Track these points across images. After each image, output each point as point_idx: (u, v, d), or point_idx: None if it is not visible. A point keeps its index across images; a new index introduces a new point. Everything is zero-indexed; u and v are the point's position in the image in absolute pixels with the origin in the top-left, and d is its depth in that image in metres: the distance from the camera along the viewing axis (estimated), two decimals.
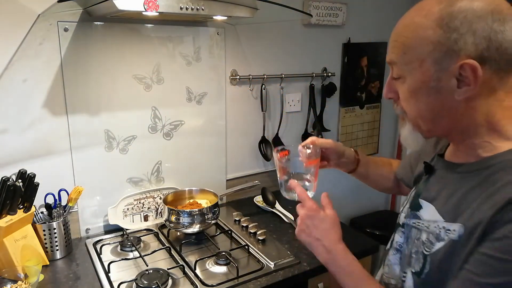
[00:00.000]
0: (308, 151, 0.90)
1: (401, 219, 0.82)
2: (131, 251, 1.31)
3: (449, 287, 0.63)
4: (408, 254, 0.76)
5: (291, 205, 1.69)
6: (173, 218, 1.36)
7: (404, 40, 0.66)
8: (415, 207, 0.77)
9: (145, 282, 1.10)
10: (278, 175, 0.91)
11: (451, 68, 0.61)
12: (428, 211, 0.73)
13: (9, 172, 1.22)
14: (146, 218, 1.51)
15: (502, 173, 0.61)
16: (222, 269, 1.21)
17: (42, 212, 1.31)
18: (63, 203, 1.32)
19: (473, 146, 0.67)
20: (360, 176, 1.08)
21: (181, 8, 1.07)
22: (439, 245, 0.67)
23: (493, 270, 0.57)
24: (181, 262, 1.23)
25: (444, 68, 0.62)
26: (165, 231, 1.44)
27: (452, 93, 0.63)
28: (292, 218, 1.56)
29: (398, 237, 0.81)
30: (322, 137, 1.88)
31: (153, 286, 1.09)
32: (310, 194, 0.89)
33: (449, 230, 0.66)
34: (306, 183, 0.89)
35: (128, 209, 1.47)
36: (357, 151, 1.06)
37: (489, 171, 0.64)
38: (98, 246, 1.33)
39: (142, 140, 1.48)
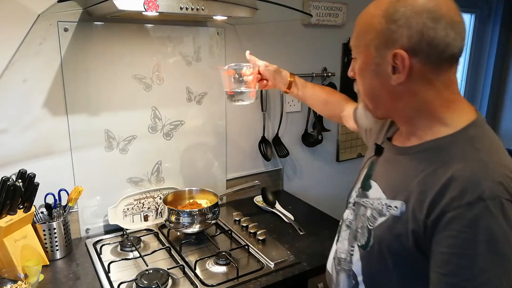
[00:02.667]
0: (249, 68, 1.15)
1: (353, 197, 0.89)
2: (131, 251, 1.31)
3: None
4: (355, 229, 0.83)
5: (291, 205, 1.69)
6: (173, 218, 1.36)
7: (358, 26, 0.75)
8: (366, 187, 0.84)
9: (145, 282, 1.10)
10: (224, 87, 1.17)
11: (387, 55, 0.69)
12: (374, 190, 0.81)
13: (9, 172, 1.22)
14: (146, 218, 1.51)
15: (438, 155, 0.69)
16: (222, 269, 1.21)
17: (42, 212, 1.31)
18: (63, 203, 1.32)
19: (414, 129, 0.75)
20: (297, 96, 1.25)
21: (181, 8, 1.07)
22: (381, 220, 0.75)
23: (458, 267, 0.62)
24: (181, 262, 1.23)
25: (382, 55, 0.69)
26: (165, 231, 1.44)
27: (388, 78, 0.70)
28: (292, 218, 1.56)
29: (349, 215, 0.89)
30: (322, 137, 1.90)
31: (153, 286, 1.09)
32: (251, 100, 1.17)
33: (390, 206, 0.73)
34: (246, 89, 1.15)
35: (128, 209, 1.47)
36: (293, 74, 1.22)
37: (427, 153, 0.71)
38: (98, 246, 1.33)
39: (142, 140, 1.48)
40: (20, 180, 1.15)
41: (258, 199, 1.72)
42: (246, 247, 1.32)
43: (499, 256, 0.61)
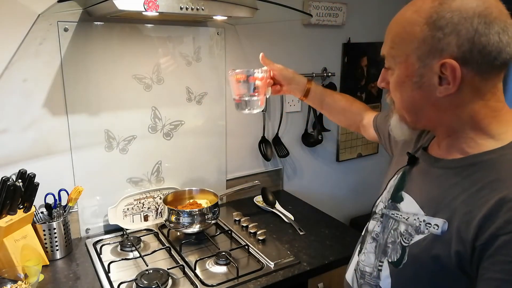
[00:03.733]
0: (260, 73, 1.05)
1: (379, 208, 0.84)
2: (131, 251, 1.31)
3: None
4: (384, 243, 0.78)
5: (291, 205, 1.69)
6: (173, 218, 1.36)
7: (393, 34, 0.69)
8: (397, 199, 0.79)
9: (145, 282, 1.10)
10: (233, 93, 1.07)
11: (433, 65, 0.63)
12: (408, 204, 0.75)
13: (9, 172, 1.22)
14: (146, 218, 1.51)
15: (484, 172, 0.64)
16: (222, 269, 1.21)
17: (42, 212, 1.31)
18: (63, 203, 1.32)
19: (456, 142, 0.69)
20: (314, 104, 1.18)
21: (181, 8, 1.07)
22: (418, 237, 0.69)
23: None
24: (181, 262, 1.23)
25: (427, 65, 0.64)
26: (165, 231, 1.44)
27: (434, 90, 0.65)
28: (292, 218, 1.56)
29: (376, 227, 0.83)
30: (322, 137, 1.90)
31: (153, 286, 1.09)
32: (260, 108, 1.06)
33: (429, 224, 0.68)
34: (255, 97, 1.04)
35: (128, 209, 1.47)
36: (310, 81, 1.14)
37: (472, 169, 0.65)
38: (98, 246, 1.33)
39: (142, 140, 1.48)
40: (20, 180, 1.15)
41: (258, 199, 1.72)
42: (246, 247, 1.32)
43: None
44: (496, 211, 0.59)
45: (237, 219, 1.53)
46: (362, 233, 0.90)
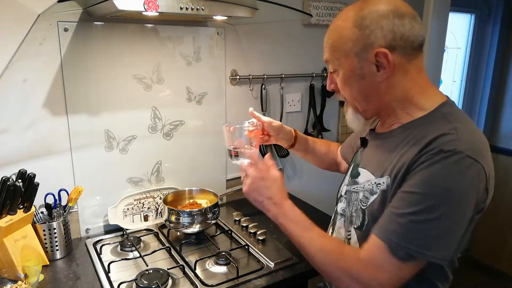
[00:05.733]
0: (250, 126, 1.07)
1: (343, 190, 0.96)
2: (131, 251, 1.31)
3: (377, 223, 0.77)
4: (350, 215, 0.90)
5: None
6: (173, 218, 1.36)
7: (331, 42, 0.83)
8: (355, 175, 0.92)
9: (145, 282, 1.10)
10: (226, 144, 1.06)
11: (369, 57, 0.77)
12: (364, 175, 0.88)
13: (9, 172, 1.22)
14: (146, 218, 1.52)
15: (415, 133, 0.78)
16: (222, 269, 1.21)
17: (42, 212, 1.31)
18: (63, 203, 1.32)
19: (396, 118, 0.84)
20: (299, 151, 1.26)
21: (181, 8, 1.07)
22: (372, 198, 0.83)
23: (407, 202, 0.73)
24: (181, 262, 1.23)
25: (364, 58, 0.78)
26: (165, 231, 1.44)
27: (374, 77, 0.79)
28: None
29: (342, 204, 0.95)
30: (322, 137, 1.90)
31: (153, 286, 1.09)
32: None
33: (379, 184, 0.82)
34: (248, 151, 1.07)
35: (128, 209, 1.47)
36: (296, 131, 1.23)
37: (406, 133, 0.80)
38: (98, 246, 1.33)
39: (142, 140, 1.48)
40: (20, 180, 1.15)
41: None
42: (246, 247, 1.32)
43: None
44: (419, 155, 0.73)
45: (237, 219, 1.53)
46: (332, 217, 1.01)
